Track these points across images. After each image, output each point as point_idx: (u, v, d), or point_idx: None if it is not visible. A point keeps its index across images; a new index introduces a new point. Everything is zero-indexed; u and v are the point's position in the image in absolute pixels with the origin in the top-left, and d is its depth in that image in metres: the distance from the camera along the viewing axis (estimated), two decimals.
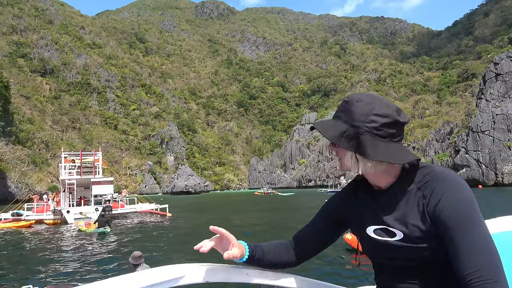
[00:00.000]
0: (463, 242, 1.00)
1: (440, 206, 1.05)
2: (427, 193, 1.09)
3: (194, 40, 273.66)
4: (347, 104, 1.16)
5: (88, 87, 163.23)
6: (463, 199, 1.04)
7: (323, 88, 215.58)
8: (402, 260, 1.16)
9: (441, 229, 1.05)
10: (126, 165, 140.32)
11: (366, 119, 1.11)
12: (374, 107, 1.12)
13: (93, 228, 18.23)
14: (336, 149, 1.19)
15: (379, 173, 1.17)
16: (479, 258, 0.97)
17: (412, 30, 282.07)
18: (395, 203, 1.16)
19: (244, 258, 1.32)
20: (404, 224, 1.13)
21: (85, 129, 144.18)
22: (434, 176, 1.11)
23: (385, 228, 1.18)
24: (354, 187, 1.31)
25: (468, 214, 1.02)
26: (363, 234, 1.26)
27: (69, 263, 11.33)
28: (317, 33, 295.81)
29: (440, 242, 1.07)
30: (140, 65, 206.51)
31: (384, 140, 1.11)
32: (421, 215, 1.10)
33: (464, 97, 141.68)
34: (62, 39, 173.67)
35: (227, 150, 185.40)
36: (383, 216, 1.19)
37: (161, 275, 1.16)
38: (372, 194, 1.24)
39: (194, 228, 19.90)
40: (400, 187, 1.16)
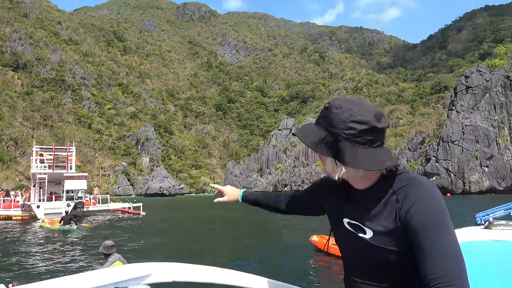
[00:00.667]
0: (430, 247, 1.02)
1: (412, 212, 1.08)
2: (401, 197, 1.13)
3: (174, 41, 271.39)
4: (327, 110, 1.17)
5: (62, 84, 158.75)
6: (435, 206, 1.07)
7: (302, 94, 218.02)
8: (370, 259, 1.21)
9: (410, 234, 1.08)
10: (99, 165, 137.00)
11: (345, 126, 1.12)
12: (353, 114, 1.12)
13: (57, 225, 17.63)
14: (320, 155, 1.19)
15: (358, 178, 1.20)
16: (445, 264, 1.00)
17: (389, 41, 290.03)
18: (370, 204, 1.20)
19: (239, 201, 1.78)
20: (376, 224, 1.17)
21: (57, 127, 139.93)
22: (409, 182, 1.14)
23: (358, 224, 1.23)
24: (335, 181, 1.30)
25: (437, 221, 1.05)
26: (339, 224, 1.31)
27: (36, 260, 11.02)
28: (297, 40, 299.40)
29: (409, 248, 1.09)
30: (118, 63, 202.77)
31: (363, 146, 1.12)
32: (393, 219, 1.14)
33: (436, 108, 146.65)
34: (37, 34, 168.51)
35: (204, 153, 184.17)
36: (357, 213, 1.24)
37: (128, 273, 1.15)
38: (350, 192, 1.27)
39: (167, 227, 19.73)
40: (376, 190, 1.20)
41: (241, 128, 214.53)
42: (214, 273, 1.36)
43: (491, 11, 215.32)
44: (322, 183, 1.46)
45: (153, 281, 1.22)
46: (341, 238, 1.33)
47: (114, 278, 1.11)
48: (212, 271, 1.37)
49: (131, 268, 1.18)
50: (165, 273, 1.26)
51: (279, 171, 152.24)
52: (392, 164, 1.13)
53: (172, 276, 1.27)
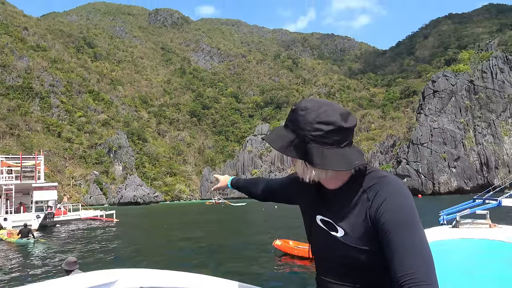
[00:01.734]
0: (399, 245, 1.03)
1: (381, 210, 1.09)
2: (371, 196, 1.14)
3: (146, 48, 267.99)
4: (294, 113, 1.18)
5: (30, 91, 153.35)
6: (404, 204, 1.08)
7: (276, 100, 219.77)
8: (341, 258, 1.22)
9: (380, 232, 1.09)
10: (70, 174, 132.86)
11: (311, 128, 1.12)
12: (319, 115, 1.12)
13: (15, 238, 16.95)
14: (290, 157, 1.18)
15: (328, 178, 1.20)
16: (414, 260, 1.01)
17: (359, 48, 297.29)
18: (341, 203, 1.21)
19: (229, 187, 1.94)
20: (347, 223, 1.18)
21: (24, 136, 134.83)
22: (379, 181, 1.15)
23: (330, 222, 1.24)
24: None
25: (406, 219, 1.06)
26: (312, 220, 1.32)
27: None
28: (270, 47, 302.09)
29: (380, 246, 1.10)
30: (88, 70, 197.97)
31: (331, 147, 1.12)
32: (363, 217, 1.15)
33: (406, 112, 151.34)
34: (1, 39, 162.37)
35: (179, 160, 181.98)
36: (330, 211, 1.25)
37: (93, 280, 1.13)
38: (322, 190, 1.28)
39: (139, 234, 19.40)
40: (347, 189, 1.20)
41: (216, 134, 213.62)
42: (181, 278, 1.36)
43: (455, 19, 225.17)
44: (296, 178, 1.42)
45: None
46: (313, 235, 1.33)
47: (79, 285, 1.08)
48: (179, 276, 1.37)
49: (97, 274, 1.16)
50: (132, 279, 1.24)
51: (255, 176, 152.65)
52: (361, 163, 1.13)
53: (139, 282, 1.25)
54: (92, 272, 1.18)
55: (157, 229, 23.61)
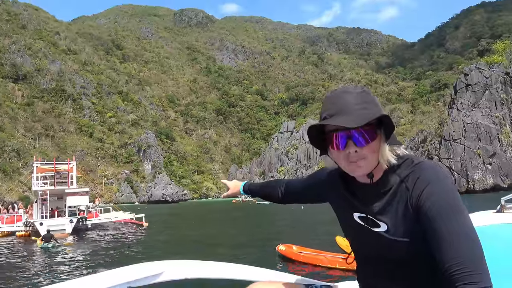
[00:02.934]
0: (445, 232, 0.97)
1: (423, 197, 1.03)
2: (410, 184, 1.08)
3: (172, 48, 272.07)
4: (366, 93, 1.13)
5: (62, 93, 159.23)
6: (446, 189, 1.03)
7: (301, 96, 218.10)
8: (386, 254, 1.16)
9: (423, 220, 1.03)
10: (102, 173, 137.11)
11: (381, 108, 1.11)
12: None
13: (39, 243, 17.64)
14: (364, 148, 1.09)
15: (381, 166, 1.15)
16: (462, 249, 0.95)
17: (387, 41, 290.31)
18: (379, 196, 1.15)
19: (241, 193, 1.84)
20: (388, 216, 1.13)
21: (59, 137, 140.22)
22: (416, 167, 1.10)
23: (370, 218, 1.18)
24: (341, 175, 1.27)
25: (450, 204, 1.00)
26: (348, 217, 1.26)
27: (34, 276, 10.98)
28: (295, 43, 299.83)
29: (423, 237, 1.04)
30: (117, 72, 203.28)
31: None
32: (404, 208, 1.09)
33: (437, 106, 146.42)
34: (35, 45, 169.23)
35: (206, 158, 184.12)
36: (368, 207, 1.18)
37: (140, 272, 1.16)
38: (358, 187, 1.22)
39: (170, 240, 19.64)
40: (386, 179, 1.14)
41: (242, 132, 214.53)
42: (225, 269, 1.37)
43: (488, 8, 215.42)
44: (326, 174, 1.39)
45: (166, 279, 1.23)
46: (352, 234, 1.29)
47: (127, 278, 1.12)
48: (222, 267, 1.37)
49: (144, 267, 1.20)
50: (177, 270, 1.27)
51: (281, 174, 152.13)
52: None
53: (184, 273, 1.28)
54: (138, 264, 1.21)
55: (190, 226, 23.89)
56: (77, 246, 17.88)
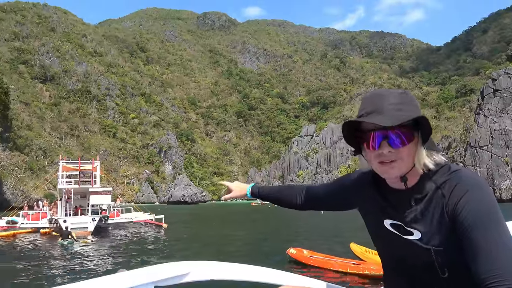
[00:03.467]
0: (482, 242, 0.94)
1: (460, 205, 1.00)
2: (447, 192, 1.04)
3: (195, 51, 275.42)
4: (406, 94, 1.10)
5: (88, 94, 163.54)
6: (484, 198, 0.99)
7: (322, 100, 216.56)
8: (419, 263, 1.11)
9: (460, 229, 1.00)
10: (124, 173, 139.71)
11: (419, 110, 1.09)
12: None
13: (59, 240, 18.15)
14: (399, 150, 1.06)
15: (416, 171, 1.11)
16: (499, 260, 0.91)
17: (411, 45, 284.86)
18: (413, 203, 1.11)
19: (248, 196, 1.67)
20: (423, 224, 1.09)
21: (83, 137, 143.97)
22: (454, 175, 1.06)
23: (402, 226, 1.14)
24: (373, 178, 1.24)
25: (488, 213, 0.97)
26: (378, 224, 1.22)
27: (60, 271, 11.22)
28: (317, 46, 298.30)
29: (459, 247, 1.01)
30: (141, 74, 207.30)
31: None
32: (440, 215, 1.05)
33: (462, 112, 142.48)
34: (63, 47, 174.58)
35: (225, 161, 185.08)
36: (401, 214, 1.14)
37: (166, 272, 1.17)
38: (391, 192, 1.18)
39: (189, 241, 19.76)
40: (422, 186, 1.10)
41: (262, 135, 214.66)
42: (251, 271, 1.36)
43: None
44: (355, 178, 1.34)
45: (192, 280, 1.24)
46: (382, 240, 1.23)
47: (154, 277, 1.13)
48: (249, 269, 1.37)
49: (170, 267, 1.20)
50: (203, 271, 1.27)
51: (300, 178, 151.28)
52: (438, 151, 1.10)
53: (210, 275, 1.28)
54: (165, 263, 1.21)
55: (209, 227, 24.00)
56: (98, 244, 18.22)
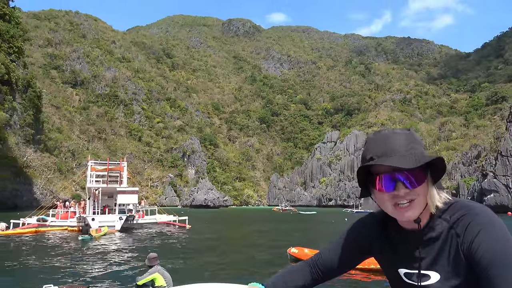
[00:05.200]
0: (502, 281, 0.91)
1: (475, 244, 0.97)
2: (460, 231, 1.03)
3: (219, 57, 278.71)
4: (412, 134, 1.10)
5: (115, 99, 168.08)
6: (500, 236, 0.97)
7: (347, 107, 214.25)
8: None
9: (477, 268, 0.97)
10: (148, 176, 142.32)
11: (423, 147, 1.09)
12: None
13: (102, 233, 18.91)
14: (415, 191, 1.06)
15: (427, 210, 1.10)
16: None
17: (439, 51, 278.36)
18: (429, 245, 1.09)
19: None
20: (439, 266, 1.07)
21: (110, 140, 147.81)
22: (466, 212, 1.04)
23: (417, 273, 1.12)
24: (383, 221, 1.22)
25: (505, 252, 0.94)
26: (393, 274, 1.20)
27: (84, 265, 11.53)
28: (341, 52, 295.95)
29: (476, 286, 0.98)
30: (166, 79, 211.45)
31: None
32: (455, 255, 1.03)
33: (493, 121, 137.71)
34: (93, 53, 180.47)
35: (248, 166, 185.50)
36: (415, 258, 1.12)
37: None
38: (402, 234, 1.16)
39: (212, 240, 19.90)
40: (434, 226, 1.09)
41: (285, 141, 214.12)
42: None
43: None
44: (365, 224, 1.31)
45: None
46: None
47: None
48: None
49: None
50: None
51: (323, 184, 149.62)
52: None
53: None
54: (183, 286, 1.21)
55: (231, 237, 24.08)
56: (124, 240, 18.61)
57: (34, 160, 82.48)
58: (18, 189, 68.96)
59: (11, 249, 15.79)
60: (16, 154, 74.51)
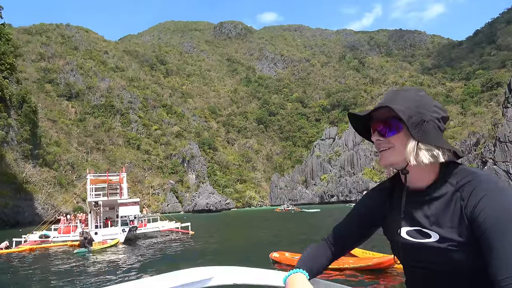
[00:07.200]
0: (500, 245, 0.94)
1: (479, 208, 1.01)
2: (466, 194, 1.06)
3: (213, 60, 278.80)
4: (409, 92, 1.16)
5: (111, 109, 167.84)
6: (504, 202, 1.00)
7: (343, 102, 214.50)
8: (434, 264, 1.13)
9: (478, 231, 1.01)
10: (149, 184, 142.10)
11: (430, 108, 1.12)
12: (433, 100, 1.15)
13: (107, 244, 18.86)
14: (388, 139, 1.15)
15: (425, 169, 1.15)
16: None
17: (431, 41, 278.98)
18: (431, 204, 1.13)
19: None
20: (440, 226, 1.10)
21: (109, 150, 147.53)
22: (474, 178, 1.07)
23: (419, 230, 1.15)
24: (390, 186, 1.28)
25: (508, 217, 0.97)
26: (396, 236, 1.24)
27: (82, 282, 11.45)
28: (334, 48, 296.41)
29: (476, 248, 1.02)
30: (161, 86, 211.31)
31: (440, 132, 1.14)
32: (458, 218, 1.07)
33: (489, 107, 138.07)
34: (86, 64, 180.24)
35: (248, 167, 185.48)
36: (418, 217, 1.16)
37: (191, 276, 1.22)
38: (407, 194, 1.21)
39: (216, 245, 19.85)
40: (438, 187, 1.13)
41: (284, 140, 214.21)
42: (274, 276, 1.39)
43: None
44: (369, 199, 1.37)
45: (215, 284, 1.27)
46: (400, 249, 1.24)
47: (178, 282, 1.17)
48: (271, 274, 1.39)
49: (194, 271, 1.24)
50: (226, 276, 1.30)
51: (324, 181, 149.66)
52: (463, 155, 1.14)
53: (233, 279, 1.31)
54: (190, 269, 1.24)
55: (234, 240, 24.04)
56: (129, 251, 18.54)
57: (33, 175, 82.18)
58: (19, 205, 68.68)
59: (6, 269, 15.70)
60: (15, 171, 74.29)
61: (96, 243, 20.83)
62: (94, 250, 19.04)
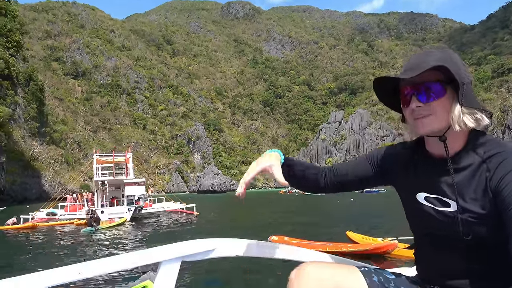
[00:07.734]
0: None
1: (505, 181, 0.96)
2: (492, 166, 1.00)
3: (220, 41, 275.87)
4: (446, 53, 1.06)
5: (118, 88, 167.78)
6: None
7: (350, 86, 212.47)
8: (451, 233, 1.07)
9: (502, 204, 0.96)
10: (155, 164, 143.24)
11: (466, 70, 1.05)
12: (464, 64, 1.06)
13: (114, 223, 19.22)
14: (430, 105, 1.03)
15: (457, 136, 1.07)
16: None
17: (443, 25, 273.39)
18: (456, 174, 1.06)
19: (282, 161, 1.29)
20: (462, 195, 1.04)
21: (115, 129, 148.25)
22: (504, 150, 1.01)
23: (438, 198, 1.10)
24: (414, 148, 1.20)
25: None
26: (411, 199, 1.18)
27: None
28: (343, 31, 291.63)
29: (497, 222, 0.98)
30: (168, 66, 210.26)
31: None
32: (482, 189, 1.01)
33: (499, 93, 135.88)
34: (93, 43, 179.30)
35: (253, 149, 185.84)
36: (439, 184, 1.09)
37: (194, 247, 1.25)
38: (431, 160, 1.13)
39: (219, 225, 20.05)
40: (465, 156, 1.06)
41: (289, 123, 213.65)
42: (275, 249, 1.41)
43: None
44: (388, 152, 1.29)
45: (217, 256, 1.30)
46: (415, 215, 1.19)
47: (182, 252, 1.20)
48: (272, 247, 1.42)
49: (197, 243, 1.26)
50: (229, 248, 1.33)
51: (329, 165, 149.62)
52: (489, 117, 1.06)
53: (235, 251, 1.34)
54: (192, 240, 1.25)
55: (240, 221, 24.25)
56: (136, 229, 18.80)
57: (40, 153, 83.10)
58: (26, 182, 69.71)
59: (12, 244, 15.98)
60: (22, 148, 75.09)
61: (103, 221, 21.10)
62: (102, 228, 19.31)
